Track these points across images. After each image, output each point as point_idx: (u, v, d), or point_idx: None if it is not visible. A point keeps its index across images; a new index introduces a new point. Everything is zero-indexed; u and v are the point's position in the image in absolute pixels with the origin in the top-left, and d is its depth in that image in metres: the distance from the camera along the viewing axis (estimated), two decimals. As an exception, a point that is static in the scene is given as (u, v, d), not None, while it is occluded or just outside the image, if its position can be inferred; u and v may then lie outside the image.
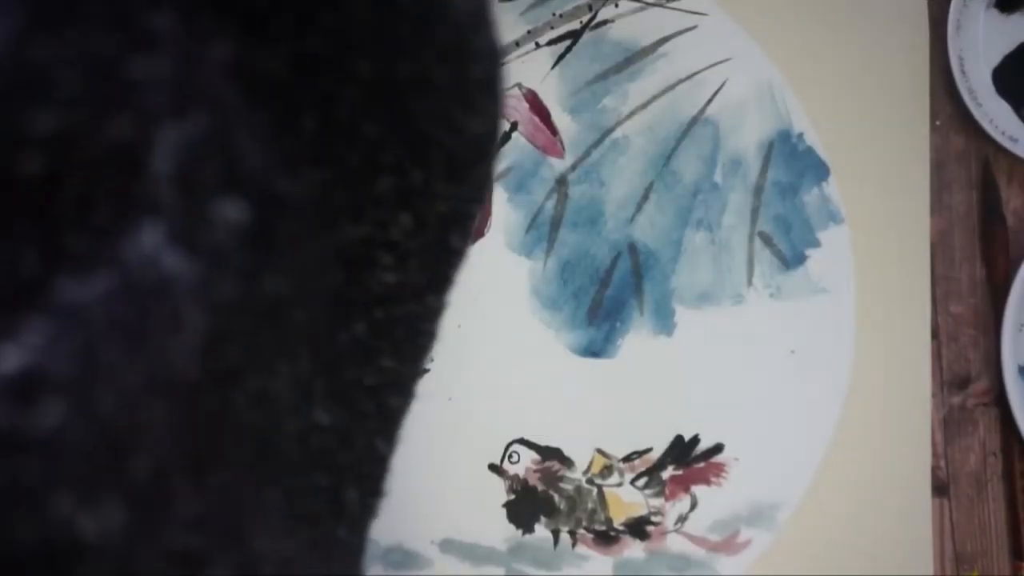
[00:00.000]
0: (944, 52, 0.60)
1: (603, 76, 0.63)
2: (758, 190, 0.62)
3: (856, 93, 0.62)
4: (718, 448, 0.60)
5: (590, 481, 0.61)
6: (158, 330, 0.15)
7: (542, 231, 0.62)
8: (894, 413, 0.60)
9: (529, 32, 0.64)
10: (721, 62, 0.63)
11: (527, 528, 0.60)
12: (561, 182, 0.63)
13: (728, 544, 0.60)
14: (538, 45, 0.64)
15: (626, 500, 0.60)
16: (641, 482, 0.60)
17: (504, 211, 0.62)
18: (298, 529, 0.20)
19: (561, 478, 0.61)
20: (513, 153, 0.63)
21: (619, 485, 0.60)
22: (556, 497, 0.61)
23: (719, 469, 0.60)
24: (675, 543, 0.60)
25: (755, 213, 0.62)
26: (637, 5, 0.64)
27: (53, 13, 0.13)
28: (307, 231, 0.18)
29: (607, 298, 0.62)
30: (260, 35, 0.17)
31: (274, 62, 0.17)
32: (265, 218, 0.17)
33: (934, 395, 0.60)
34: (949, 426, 0.60)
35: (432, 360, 0.62)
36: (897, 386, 0.60)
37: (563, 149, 0.63)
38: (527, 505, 0.61)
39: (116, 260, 0.14)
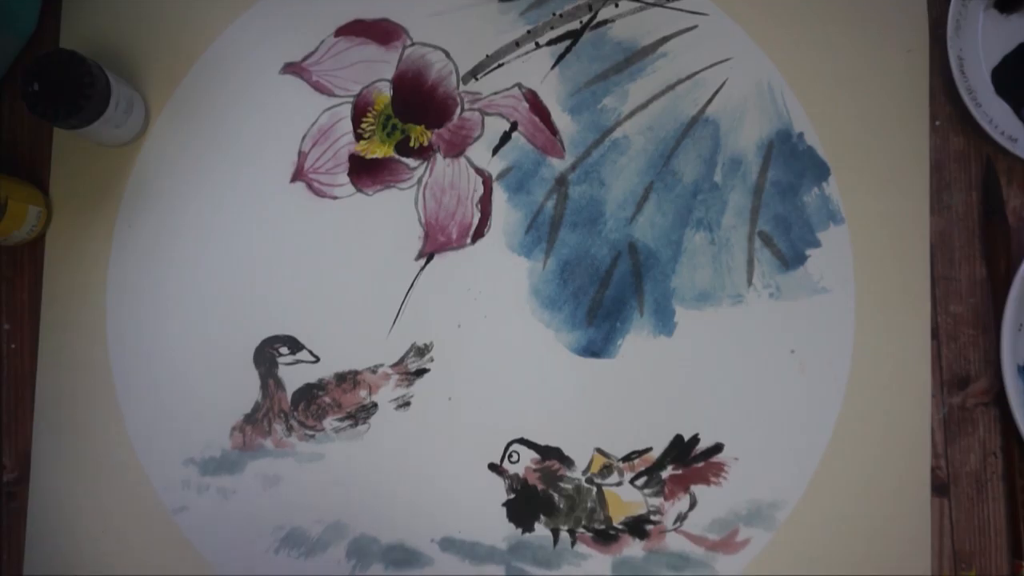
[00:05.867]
0: (944, 52, 0.60)
1: (603, 76, 0.64)
2: (758, 190, 0.62)
3: (856, 93, 0.62)
4: (717, 448, 0.60)
5: (590, 480, 0.61)
6: None
7: (542, 231, 0.63)
8: (894, 413, 0.60)
9: (529, 32, 0.64)
10: (721, 62, 0.63)
11: (527, 527, 0.61)
12: (561, 182, 0.63)
13: (727, 543, 0.60)
14: (538, 45, 0.64)
15: (625, 499, 0.61)
16: (640, 481, 0.61)
17: (504, 211, 0.63)
18: None
19: (561, 477, 0.61)
20: (513, 153, 0.63)
21: (618, 484, 0.61)
22: (556, 496, 0.61)
23: (718, 468, 0.60)
24: (674, 542, 0.60)
25: (755, 213, 0.62)
26: (637, 5, 0.64)
27: None
28: None
29: (607, 298, 0.62)
30: None
31: None
32: None
33: (934, 395, 0.60)
34: (949, 426, 0.60)
35: (432, 360, 0.62)
36: (897, 386, 0.60)
37: (563, 149, 0.63)
38: (527, 504, 0.61)
39: None
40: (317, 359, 0.63)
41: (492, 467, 0.61)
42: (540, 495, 0.61)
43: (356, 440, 0.62)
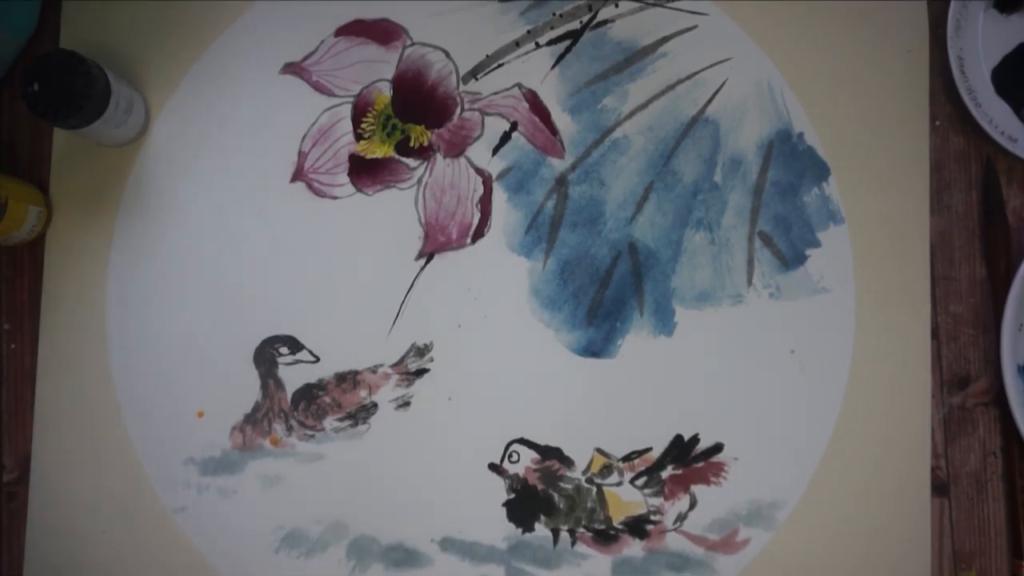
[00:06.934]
0: (944, 52, 0.60)
1: (603, 76, 0.64)
2: (758, 190, 0.62)
3: (856, 93, 0.62)
4: (717, 448, 0.60)
5: (589, 480, 0.61)
6: None
7: (542, 231, 0.63)
8: (894, 413, 0.60)
9: (529, 32, 0.64)
10: (721, 62, 0.63)
11: (527, 527, 0.61)
12: (561, 182, 0.63)
13: (727, 543, 0.60)
14: (538, 45, 0.64)
15: (625, 499, 0.61)
16: (640, 481, 0.61)
17: (504, 211, 0.63)
18: None
19: (561, 477, 0.61)
20: (513, 153, 0.63)
21: (618, 484, 0.61)
22: (556, 496, 0.61)
23: (718, 468, 0.60)
24: (674, 542, 0.60)
25: (755, 213, 0.62)
26: (637, 5, 0.64)
27: None
28: None
29: (607, 298, 0.62)
30: None
31: None
32: None
33: (934, 395, 0.60)
34: (949, 426, 0.60)
35: (432, 360, 0.62)
36: (897, 386, 0.60)
37: (563, 149, 0.63)
38: (527, 504, 0.61)
39: None
40: (317, 359, 0.63)
41: (492, 467, 0.61)
42: (540, 495, 0.61)
43: (356, 440, 0.62)
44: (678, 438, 0.61)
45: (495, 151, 0.63)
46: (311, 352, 0.63)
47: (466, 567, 0.60)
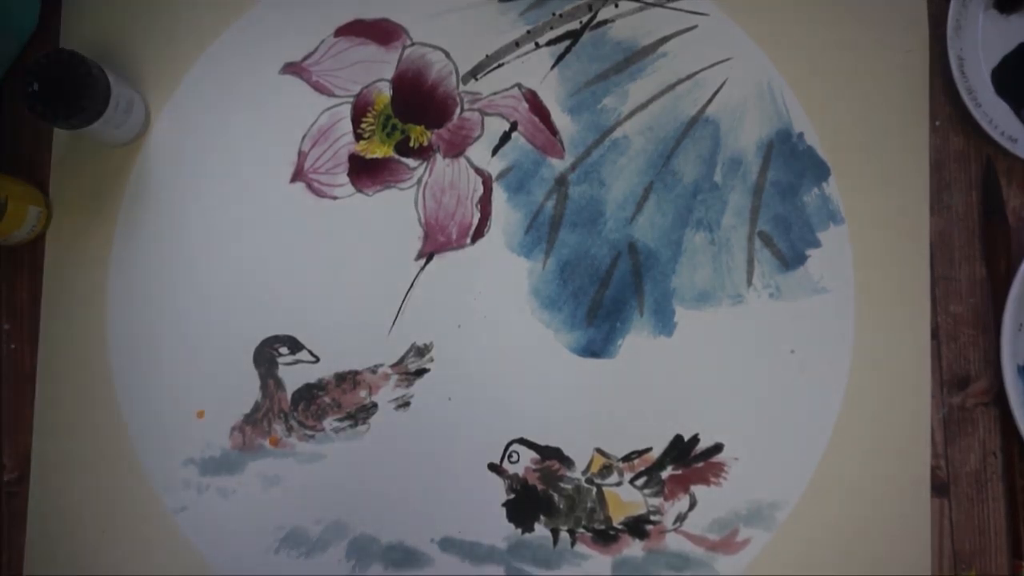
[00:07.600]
0: (944, 52, 0.60)
1: (603, 76, 0.64)
2: (758, 190, 0.62)
3: (856, 93, 0.62)
4: (717, 448, 0.60)
5: (589, 480, 0.61)
6: None
7: (542, 231, 0.63)
8: (894, 413, 0.60)
9: (529, 32, 0.64)
10: (721, 62, 0.63)
11: (527, 527, 0.61)
12: (561, 182, 0.63)
13: (727, 543, 0.60)
14: (538, 45, 0.64)
15: (625, 499, 0.61)
16: (640, 481, 0.61)
17: (504, 211, 0.63)
18: None
19: (561, 477, 0.61)
20: (513, 153, 0.63)
21: (618, 484, 0.61)
22: (555, 496, 0.61)
23: (718, 469, 0.60)
24: (674, 542, 0.60)
25: (755, 213, 0.62)
26: (637, 5, 0.64)
27: None
28: None
29: (607, 298, 0.62)
30: None
31: None
32: None
33: (934, 395, 0.60)
34: (949, 426, 0.60)
35: (432, 360, 0.62)
36: (897, 386, 0.60)
37: (563, 149, 0.63)
38: (527, 504, 0.61)
39: None
40: (317, 359, 0.63)
41: (492, 467, 0.61)
42: (540, 495, 0.61)
43: (356, 440, 0.62)
44: (678, 438, 0.61)
45: (495, 151, 0.63)
46: (311, 352, 0.63)
47: (466, 567, 0.60)
